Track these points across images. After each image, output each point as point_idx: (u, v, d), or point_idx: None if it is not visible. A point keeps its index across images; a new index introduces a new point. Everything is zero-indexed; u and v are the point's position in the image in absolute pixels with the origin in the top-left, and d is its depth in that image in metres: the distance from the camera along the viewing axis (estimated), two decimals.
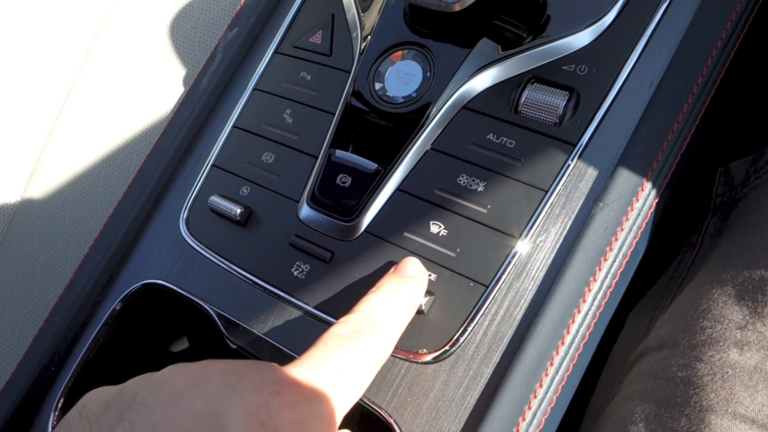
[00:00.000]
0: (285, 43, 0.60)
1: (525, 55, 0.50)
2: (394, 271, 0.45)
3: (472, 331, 0.45)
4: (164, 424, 0.32)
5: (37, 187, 0.84)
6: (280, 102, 0.57)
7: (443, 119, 0.50)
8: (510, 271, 0.45)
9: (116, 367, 0.57)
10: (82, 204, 0.80)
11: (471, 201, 0.47)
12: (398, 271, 0.45)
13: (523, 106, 0.48)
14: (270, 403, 0.34)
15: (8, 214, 0.85)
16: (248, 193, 0.54)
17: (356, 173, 0.51)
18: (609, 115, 0.47)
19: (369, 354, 0.39)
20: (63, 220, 0.81)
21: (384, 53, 0.53)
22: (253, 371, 0.36)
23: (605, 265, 0.43)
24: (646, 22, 0.48)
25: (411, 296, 0.43)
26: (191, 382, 0.35)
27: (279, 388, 0.35)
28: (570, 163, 0.46)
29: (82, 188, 0.81)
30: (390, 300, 0.42)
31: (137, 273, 0.56)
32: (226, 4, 0.83)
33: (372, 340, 0.40)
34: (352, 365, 0.38)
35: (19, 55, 0.88)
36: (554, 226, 0.45)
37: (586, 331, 0.43)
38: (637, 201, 0.44)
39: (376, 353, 0.40)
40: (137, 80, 0.81)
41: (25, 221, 0.84)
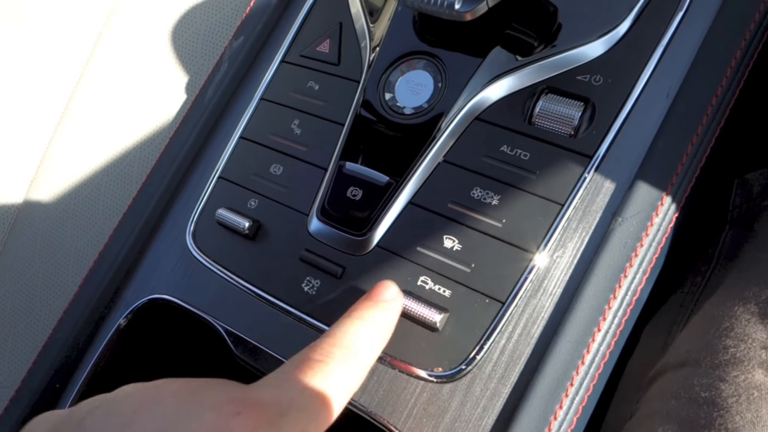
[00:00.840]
0: (292, 52, 0.59)
1: (538, 64, 0.49)
2: (368, 296, 0.43)
3: (488, 350, 0.44)
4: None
5: (38, 196, 0.83)
6: (288, 112, 0.56)
7: (455, 130, 0.49)
8: (527, 288, 0.44)
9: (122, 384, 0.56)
10: (84, 213, 0.79)
11: (485, 215, 0.46)
12: (373, 295, 0.42)
13: (537, 117, 0.47)
14: (229, 425, 0.31)
15: (8, 223, 0.84)
16: (256, 206, 0.53)
17: (367, 186, 0.50)
18: (625, 126, 0.46)
19: (340, 380, 0.37)
20: (64, 229, 0.80)
21: (394, 63, 0.52)
22: (211, 390, 0.33)
23: (625, 281, 0.42)
24: (662, 31, 0.47)
25: (386, 322, 0.41)
26: (143, 404, 0.33)
27: (240, 408, 0.32)
28: (586, 176, 0.45)
29: (84, 197, 0.80)
30: (364, 326, 0.40)
31: (143, 287, 0.55)
32: (228, 11, 0.82)
33: (344, 366, 0.37)
34: (321, 390, 0.35)
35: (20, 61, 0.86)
36: (571, 241, 0.45)
37: (606, 349, 0.42)
38: (656, 216, 0.43)
39: (347, 380, 0.37)
40: (139, 87, 0.80)
41: (26, 230, 0.83)
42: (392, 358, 0.45)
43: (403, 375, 0.45)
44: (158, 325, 0.57)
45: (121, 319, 0.54)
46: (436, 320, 0.44)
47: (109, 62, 0.84)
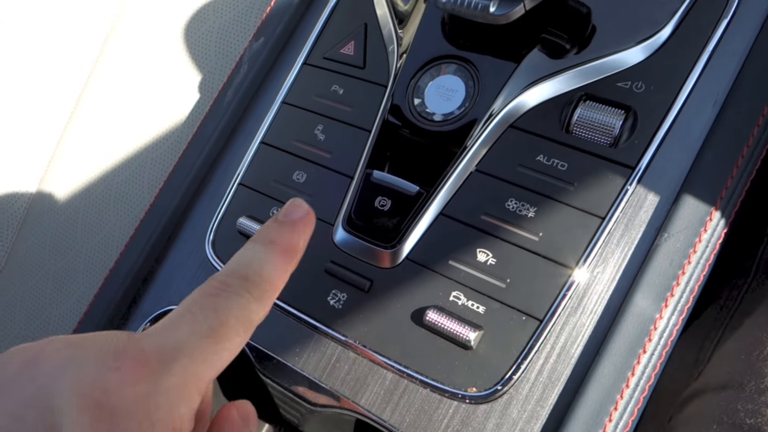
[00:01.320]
0: (314, 54, 0.56)
1: (576, 70, 0.47)
2: (275, 217, 0.37)
3: (525, 369, 0.42)
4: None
5: (47, 196, 0.81)
6: (311, 117, 0.54)
7: (489, 138, 0.47)
8: (565, 305, 0.42)
9: None
10: (94, 214, 0.77)
11: (521, 228, 0.44)
12: (280, 215, 0.37)
13: (576, 125, 0.45)
14: (107, 380, 0.28)
15: (17, 223, 0.82)
16: None
17: (396, 196, 0.48)
18: (669, 136, 0.44)
19: (235, 314, 0.32)
20: (74, 230, 0.78)
21: (423, 67, 0.50)
22: (94, 344, 0.30)
23: (672, 301, 0.40)
24: (707, 36, 0.45)
25: (291, 242, 0.36)
26: (27, 364, 0.30)
27: (120, 362, 0.29)
28: (628, 188, 0.43)
29: (94, 198, 0.78)
30: (265, 250, 0.35)
31: (161, 297, 0.53)
32: (243, 8, 0.80)
33: (240, 298, 0.32)
34: (212, 328, 0.31)
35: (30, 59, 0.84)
36: (613, 257, 0.43)
37: (651, 371, 0.40)
38: (705, 232, 0.41)
39: (244, 313, 0.33)
40: (150, 85, 0.78)
41: (35, 231, 0.81)
42: (424, 376, 0.44)
43: (435, 395, 0.43)
44: None
45: (139, 330, 0.53)
46: (470, 338, 0.42)
47: (119, 59, 0.82)
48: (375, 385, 0.45)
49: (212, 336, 0.31)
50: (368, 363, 0.45)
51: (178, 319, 0.31)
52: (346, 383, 0.46)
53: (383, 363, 0.45)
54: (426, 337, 0.44)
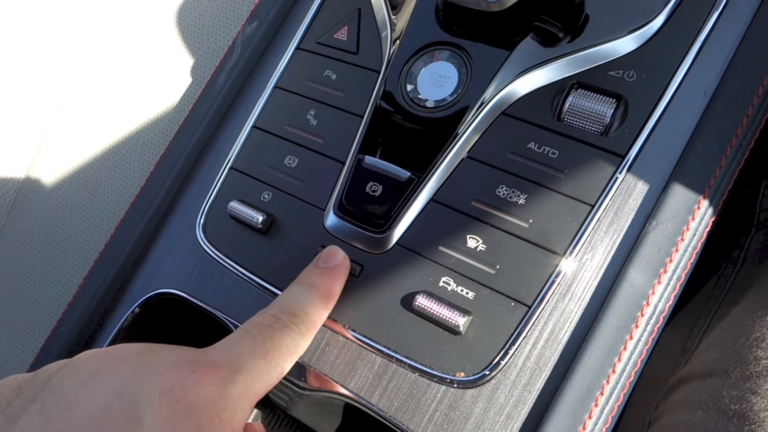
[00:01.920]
0: (307, 39, 0.56)
1: (568, 58, 0.47)
2: (315, 262, 0.45)
3: (513, 355, 0.42)
4: (78, 403, 0.33)
5: (37, 180, 0.81)
6: (303, 102, 0.54)
7: (481, 125, 0.47)
8: (554, 291, 0.43)
9: None
10: (84, 198, 0.77)
11: (511, 214, 0.45)
12: (319, 261, 0.45)
13: (567, 113, 0.46)
14: (185, 381, 0.34)
15: (6, 207, 0.82)
16: (270, 199, 0.51)
17: (388, 181, 0.48)
18: (660, 125, 0.44)
19: (286, 343, 0.39)
20: (63, 214, 0.78)
21: (417, 53, 0.50)
22: (169, 352, 0.37)
23: (659, 288, 0.40)
24: (699, 26, 0.45)
25: (330, 288, 0.44)
26: (107, 363, 0.35)
27: (195, 367, 0.35)
28: (618, 176, 0.43)
29: (84, 182, 0.78)
30: (309, 292, 0.43)
31: (151, 281, 0.53)
32: None
33: (290, 331, 0.40)
34: (268, 352, 0.38)
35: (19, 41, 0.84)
36: (601, 244, 0.43)
37: (637, 357, 0.40)
38: (693, 220, 0.41)
39: (293, 343, 0.40)
40: (141, 69, 0.77)
41: (24, 215, 0.80)
42: (412, 361, 0.44)
43: (423, 379, 0.44)
44: (166, 321, 0.55)
45: (128, 313, 0.53)
46: (459, 323, 0.43)
47: (110, 43, 0.81)
48: (364, 370, 0.45)
49: (268, 358, 0.38)
50: (357, 347, 0.46)
51: (239, 340, 0.38)
52: (335, 367, 0.46)
53: (372, 347, 0.45)
54: (415, 322, 0.44)
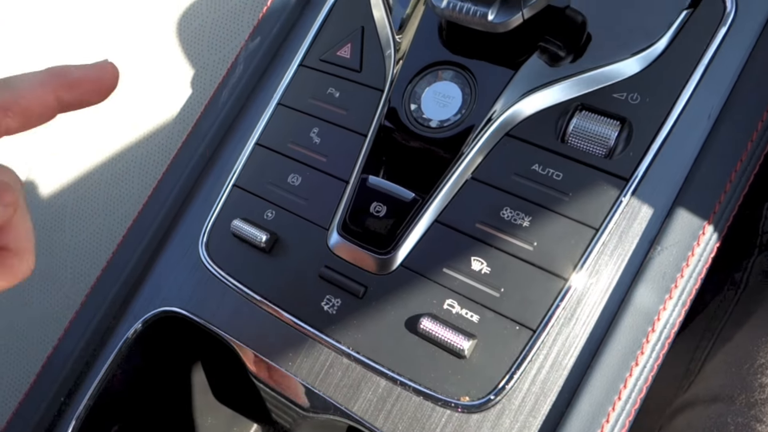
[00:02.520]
0: (310, 56, 0.56)
1: (572, 80, 0.47)
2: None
3: (518, 379, 0.42)
4: None
5: (35, 193, 0.80)
6: (307, 119, 0.54)
7: (485, 146, 0.47)
8: (559, 315, 0.43)
9: (131, 399, 0.54)
10: (83, 212, 0.77)
11: (515, 237, 0.45)
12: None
13: (571, 135, 0.46)
14: None
15: None
16: (273, 218, 0.51)
17: (392, 202, 0.48)
18: (664, 148, 0.44)
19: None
20: (62, 227, 0.78)
21: (420, 72, 0.50)
22: None
23: (664, 314, 0.41)
24: (703, 49, 0.45)
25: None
26: None
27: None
28: (623, 200, 0.43)
29: (82, 193, 0.78)
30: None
31: (153, 299, 0.53)
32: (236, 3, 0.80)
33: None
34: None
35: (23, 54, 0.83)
36: (606, 268, 0.43)
37: (643, 384, 0.40)
38: (698, 245, 0.41)
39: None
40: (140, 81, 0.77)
41: None
42: (417, 384, 0.44)
43: (427, 403, 0.43)
44: (169, 339, 0.55)
45: (130, 331, 0.52)
46: (464, 347, 0.43)
47: (110, 54, 0.81)
48: (368, 392, 0.45)
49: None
50: (361, 369, 0.46)
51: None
52: (339, 389, 0.46)
53: (376, 370, 0.45)
54: (420, 344, 0.44)
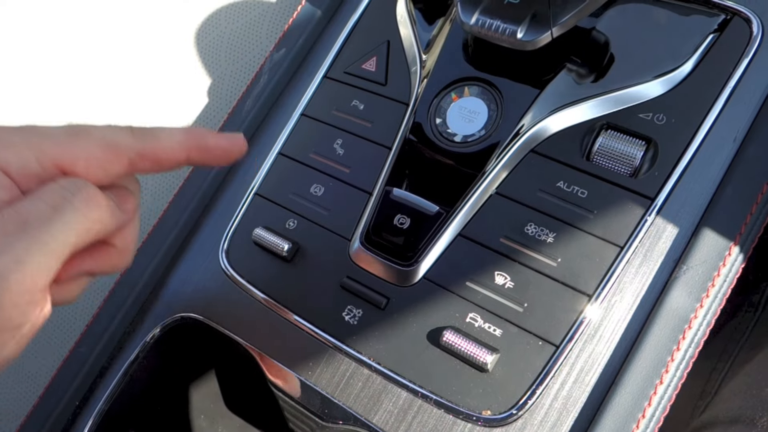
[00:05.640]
0: (335, 68, 0.57)
1: (599, 99, 0.47)
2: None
3: (540, 395, 0.42)
4: None
5: None
6: (330, 131, 0.54)
7: (510, 162, 0.48)
8: (582, 332, 0.43)
9: (146, 404, 0.54)
10: None
11: (540, 252, 0.45)
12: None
13: (597, 154, 0.46)
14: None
15: None
16: (295, 227, 0.52)
17: (416, 214, 0.48)
18: (689, 169, 0.44)
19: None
20: None
21: (446, 87, 0.50)
22: None
23: (689, 333, 0.41)
24: (728, 73, 0.46)
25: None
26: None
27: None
28: (647, 219, 0.44)
29: None
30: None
31: (172, 305, 0.53)
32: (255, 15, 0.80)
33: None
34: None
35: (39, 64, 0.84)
36: (630, 286, 0.43)
37: (667, 402, 0.40)
38: (723, 266, 0.41)
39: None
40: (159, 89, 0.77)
41: None
42: (438, 397, 0.44)
43: (449, 416, 0.43)
44: (186, 345, 0.55)
45: (148, 336, 0.52)
46: (486, 360, 0.43)
47: (128, 62, 0.82)
48: (389, 404, 0.45)
49: None
50: (382, 381, 0.46)
51: None
52: (359, 400, 0.46)
53: (397, 382, 0.45)
54: (442, 357, 0.44)
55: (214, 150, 0.42)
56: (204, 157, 0.42)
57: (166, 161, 0.41)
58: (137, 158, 0.39)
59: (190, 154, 0.41)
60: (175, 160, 0.41)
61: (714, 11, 0.47)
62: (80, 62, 0.83)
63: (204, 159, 0.42)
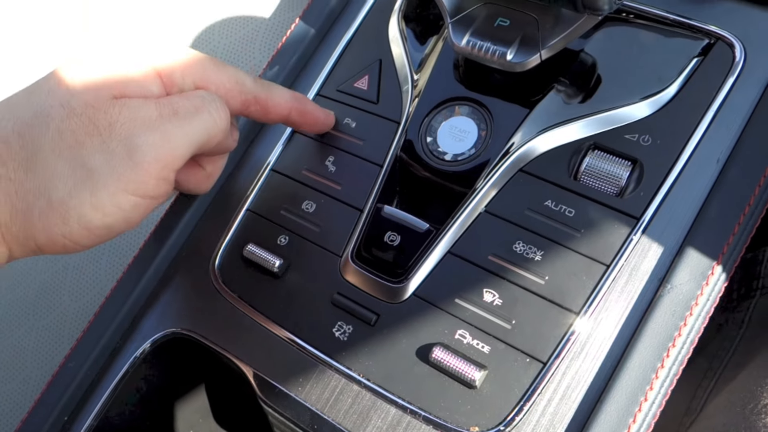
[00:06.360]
0: (328, 86, 0.58)
1: (586, 120, 0.48)
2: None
3: (528, 411, 0.43)
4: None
5: None
6: (322, 147, 0.55)
7: (499, 181, 0.48)
8: (569, 349, 0.43)
9: (136, 419, 0.54)
10: None
11: (528, 270, 0.46)
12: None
13: (584, 173, 0.47)
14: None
15: None
16: (286, 243, 0.52)
17: (406, 232, 0.49)
18: (674, 190, 0.45)
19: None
20: None
21: (437, 107, 0.51)
22: None
23: (673, 351, 0.41)
24: (712, 96, 0.47)
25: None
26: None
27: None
28: (633, 238, 0.45)
29: None
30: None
31: (163, 320, 0.53)
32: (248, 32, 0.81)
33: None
34: None
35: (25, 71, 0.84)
36: (616, 304, 0.44)
37: (651, 420, 0.41)
38: (706, 285, 0.42)
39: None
40: None
41: None
42: (427, 413, 0.44)
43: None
44: (176, 361, 0.55)
45: (138, 351, 0.52)
46: (475, 377, 0.43)
47: None
48: (378, 420, 0.45)
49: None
50: (372, 397, 0.46)
51: None
52: (349, 416, 0.46)
53: (387, 398, 0.45)
54: (431, 374, 0.45)
55: (309, 117, 0.52)
56: (301, 119, 0.51)
57: (273, 112, 0.50)
58: (252, 101, 0.48)
59: (291, 114, 0.51)
60: (279, 114, 0.50)
61: (698, 35, 0.49)
62: None
63: (300, 122, 0.52)
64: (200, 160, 0.51)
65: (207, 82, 0.46)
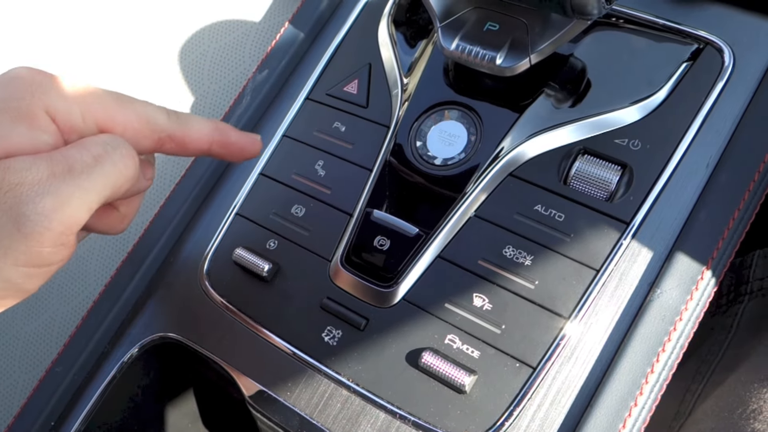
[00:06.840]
0: (317, 90, 0.57)
1: (576, 124, 0.48)
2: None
3: (518, 416, 0.42)
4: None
5: None
6: (312, 152, 0.54)
7: (488, 185, 0.48)
8: (559, 354, 0.43)
9: (123, 424, 0.54)
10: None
11: (517, 275, 0.45)
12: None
13: (574, 178, 0.47)
14: None
15: None
16: (275, 248, 0.52)
17: (396, 236, 0.49)
18: (663, 194, 0.45)
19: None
20: None
21: (427, 111, 0.51)
22: None
23: (662, 356, 0.41)
24: (701, 101, 0.47)
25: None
26: None
27: None
28: (623, 243, 0.45)
29: None
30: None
31: (151, 325, 0.53)
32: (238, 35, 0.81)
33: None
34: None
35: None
36: (606, 309, 0.44)
37: (641, 425, 0.41)
38: (696, 290, 0.42)
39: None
40: None
41: None
42: (416, 418, 0.44)
43: None
44: (164, 366, 0.55)
45: (126, 356, 0.52)
46: (464, 382, 0.43)
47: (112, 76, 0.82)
48: (367, 425, 0.45)
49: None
50: (361, 402, 0.46)
51: None
52: (338, 421, 0.46)
53: (376, 402, 0.45)
54: (420, 378, 0.45)
55: (233, 147, 0.47)
56: (224, 151, 0.47)
57: (191, 148, 0.45)
58: (167, 138, 0.43)
59: (212, 146, 0.46)
60: (198, 148, 0.45)
61: (687, 40, 0.49)
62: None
63: (223, 153, 0.47)
64: (113, 202, 0.45)
65: (112, 123, 0.41)
